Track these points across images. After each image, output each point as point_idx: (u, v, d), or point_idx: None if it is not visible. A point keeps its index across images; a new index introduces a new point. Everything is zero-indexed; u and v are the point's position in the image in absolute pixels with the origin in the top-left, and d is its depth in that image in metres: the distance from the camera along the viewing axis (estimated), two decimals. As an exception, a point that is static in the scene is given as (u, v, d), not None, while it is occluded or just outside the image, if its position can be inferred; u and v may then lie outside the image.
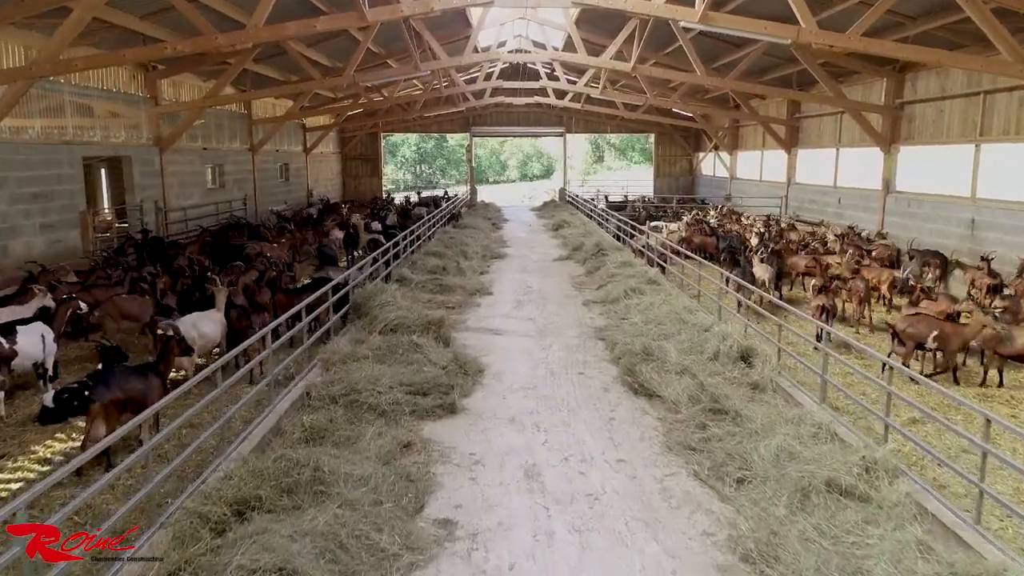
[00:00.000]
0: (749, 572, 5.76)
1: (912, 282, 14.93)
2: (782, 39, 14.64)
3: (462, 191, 46.61)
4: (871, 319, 13.91)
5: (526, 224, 32.30)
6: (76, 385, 8.82)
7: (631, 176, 61.73)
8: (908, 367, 9.64)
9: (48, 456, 8.08)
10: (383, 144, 46.36)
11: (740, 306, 15.01)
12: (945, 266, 19.62)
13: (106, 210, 24.94)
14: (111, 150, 20.31)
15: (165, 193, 22.76)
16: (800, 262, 17.56)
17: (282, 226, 23.02)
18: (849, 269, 16.65)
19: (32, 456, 8.04)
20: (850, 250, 19.15)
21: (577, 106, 35.13)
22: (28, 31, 16.39)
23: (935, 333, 10.29)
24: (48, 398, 8.19)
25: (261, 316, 12.05)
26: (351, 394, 9.17)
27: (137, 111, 21.48)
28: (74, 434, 8.46)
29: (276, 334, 10.25)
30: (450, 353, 10.74)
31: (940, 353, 10.84)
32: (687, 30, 21.83)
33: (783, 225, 23.93)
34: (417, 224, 22.40)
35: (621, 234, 24.62)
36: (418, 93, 33.87)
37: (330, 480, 6.65)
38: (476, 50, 24.26)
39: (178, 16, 16.13)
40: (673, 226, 23.43)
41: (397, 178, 73.27)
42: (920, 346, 10.62)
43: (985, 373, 10.47)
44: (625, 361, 10.88)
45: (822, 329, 12.25)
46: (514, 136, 61.72)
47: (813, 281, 15.48)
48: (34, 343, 9.66)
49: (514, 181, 77.62)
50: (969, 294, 15.51)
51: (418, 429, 8.60)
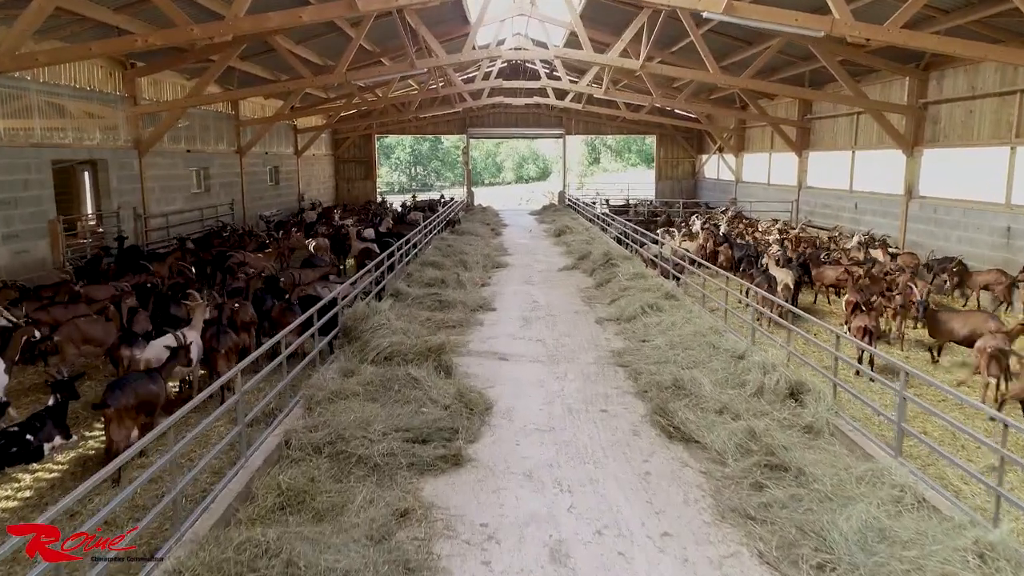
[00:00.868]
0: None
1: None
2: (815, 31, 13.22)
3: (458, 194, 45.15)
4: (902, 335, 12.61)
5: (526, 229, 30.83)
6: (16, 428, 7.42)
7: (628, 178, 60.39)
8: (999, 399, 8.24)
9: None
10: (377, 146, 44.88)
11: (761, 319, 13.68)
12: (963, 274, 18.33)
13: (89, 216, 23.42)
14: (85, 153, 18.74)
15: (145, 198, 21.20)
16: (829, 273, 16.14)
17: (270, 233, 21.53)
18: (879, 281, 15.30)
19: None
20: (878, 259, 17.83)
21: (578, 107, 33.69)
22: (-14, 23, 14.87)
23: None
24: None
25: (241, 336, 10.58)
26: (338, 442, 7.68)
27: (114, 111, 19.92)
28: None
29: (257, 364, 8.79)
30: (453, 387, 9.26)
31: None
32: (699, 25, 20.48)
33: (800, 234, 22.47)
34: (413, 232, 20.90)
35: (629, 241, 23.19)
36: (414, 93, 32.40)
37: (307, 578, 5.19)
38: (474, 48, 22.79)
39: (156, 9, 14.60)
40: (687, 238, 21.91)
41: (392, 180, 71.76)
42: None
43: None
44: (654, 396, 9.44)
45: (864, 352, 10.92)
46: (512, 138, 60.24)
47: (846, 296, 14.10)
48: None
49: (510, 183, 76.17)
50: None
51: (417, 489, 7.12)
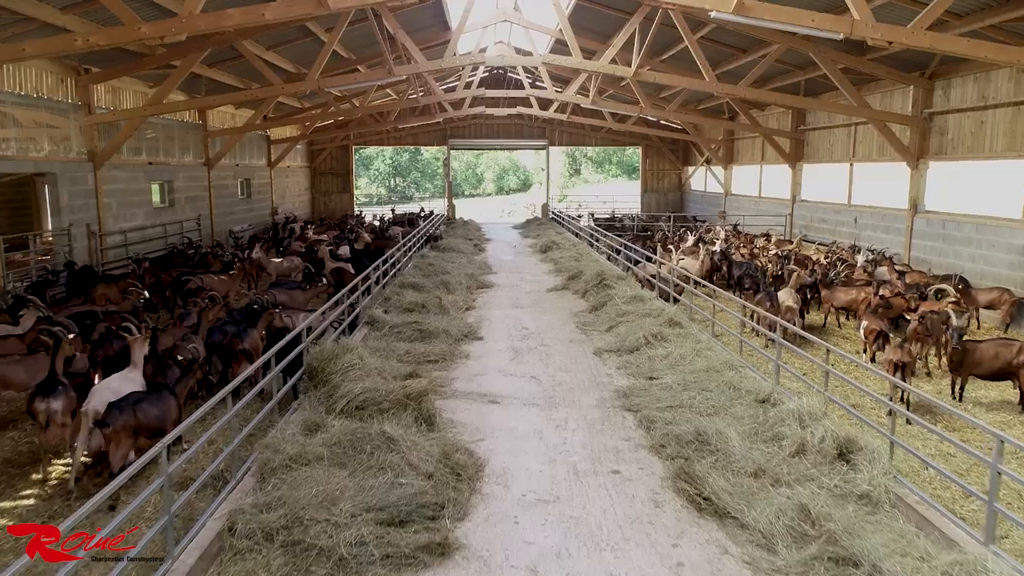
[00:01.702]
0: None
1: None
2: (833, 33, 11.92)
3: (438, 205, 43.60)
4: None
5: (510, 245, 29.33)
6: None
7: (609, 189, 59.20)
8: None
9: None
10: (355, 158, 43.25)
11: (771, 346, 12.37)
12: (963, 292, 17.23)
13: (46, 233, 21.60)
14: (30, 166, 16.97)
15: (100, 215, 19.42)
16: (841, 295, 14.84)
17: (235, 252, 19.84)
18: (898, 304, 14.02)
19: None
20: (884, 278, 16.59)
21: (562, 117, 32.36)
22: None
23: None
24: None
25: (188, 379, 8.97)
26: (295, 527, 6.11)
27: (66, 120, 18.16)
28: None
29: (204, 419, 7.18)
30: (436, 446, 7.70)
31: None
32: (694, 30, 19.24)
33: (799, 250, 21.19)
34: (393, 249, 19.33)
35: (618, 256, 21.81)
36: (393, 103, 30.88)
37: None
38: (455, 55, 21.35)
39: (108, 9, 12.92)
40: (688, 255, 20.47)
41: (371, 192, 70.06)
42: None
43: None
44: (673, 452, 7.97)
45: (896, 389, 9.61)
46: (494, 149, 58.79)
47: (866, 323, 12.78)
48: None
49: (490, 195, 74.75)
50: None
51: (394, 596, 5.59)
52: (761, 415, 8.58)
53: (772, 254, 19.49)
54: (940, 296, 14.42)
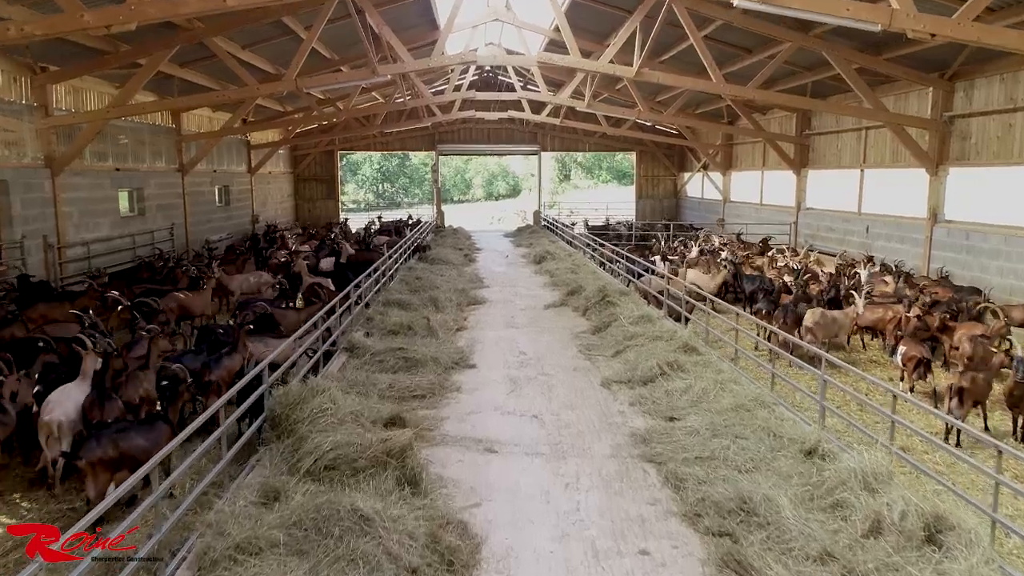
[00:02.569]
0: None
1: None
2: (870, 24, 10.48)
3: (426, 212, 42.00)
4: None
5: (502, 255, 27.73)
6: None
7: (600, 195, 57.81)
8: None
9: None
10: (341, 163, 41.60)
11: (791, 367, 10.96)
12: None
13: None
14: (-24, 172, 15.33)
15: (59, 225, 17.71)
16: (867, 314, 13.38)
17: (204, 264, 18.15)
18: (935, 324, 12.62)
19: None
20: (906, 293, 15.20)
21: (555, 121, 30.85)
22: None
23: None
24: None
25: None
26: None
27: (19, 123, 16.46)
28: None
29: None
30: (421, 522, 6.14)
31: None
32: (700, 28, 17.81)
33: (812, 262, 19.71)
34: (378, 262, 17.72)
35: (621, 270, 20.33)
36: (379, 106, 29.31)
37: None
38: (444, 54, 19.82)
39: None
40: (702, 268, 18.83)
41: (359, 198, 68.31)
42: None
43: None
44: (713, 526, 6.44)
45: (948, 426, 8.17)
46: (485, 155, 57.17)
47: (903, 349, 11.35)
48: None
49: (479, 200, 73.15)
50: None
51: None
52: (813, 473, 7.07)
53: (782, 265, 18.02)
54: (979, 315, 13.03)
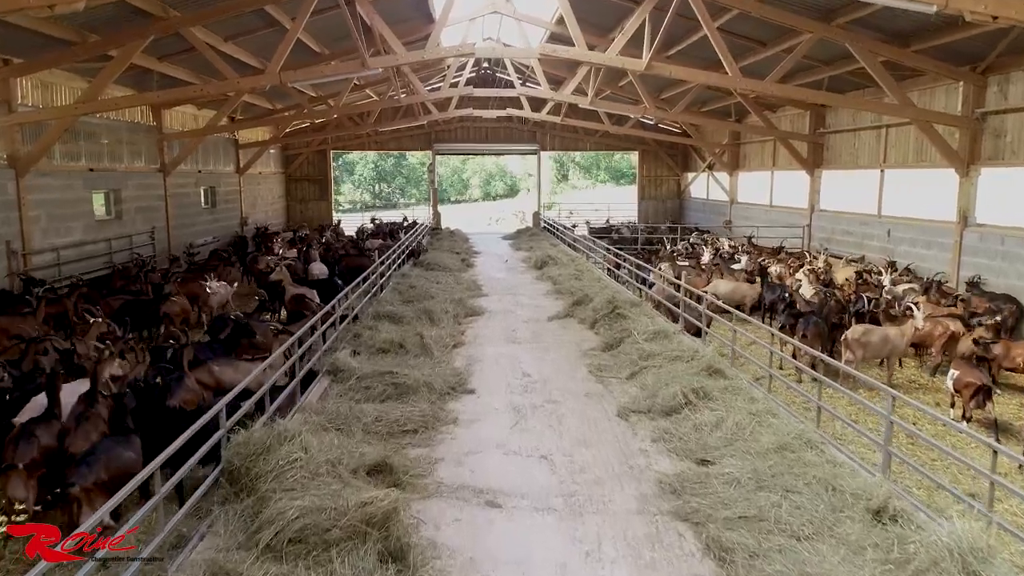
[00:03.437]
0: None
1: None
2: (925, 6, 9.14)
3: (424, 213, 40.56)
4: None
5: (501, 259, 26.29)
6: None
7: (598, 195, 56.42)
8: None
9: None
10: (335, 163, 40.14)
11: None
12: (1021, 314, 14.65)
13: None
14: (-72, 173, 13.90)
15: (25, 229, 16.29)
16: (909, 329, 11.98)
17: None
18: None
19: None
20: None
21: (556, 120, 29.44)
22: None
23: None
24: None
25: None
26: None
27: (-22, 120, 15.09)
28: None
29: None
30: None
31: None
32: (714, 18, 16.41)
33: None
34: (368, 271, 16.31)
35: (627, 276, 18.97)
36: (372, 103, 27.88)
37: None
38: (439, 46, 18.43)
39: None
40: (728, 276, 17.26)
41: (355, 198, 66.81)
42: None
43: None
44: (777, 622, 5.08)
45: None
46: (483, 154, 55.71)
47: (956, 373, 9.99)
48: None
49: (476, 200, 71.70)
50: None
51: None
52: (892, 545, 5.69)
53: (807, 270, 16.63)
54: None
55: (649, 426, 9.07)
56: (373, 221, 31.90)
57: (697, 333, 12.92)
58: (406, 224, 32.20)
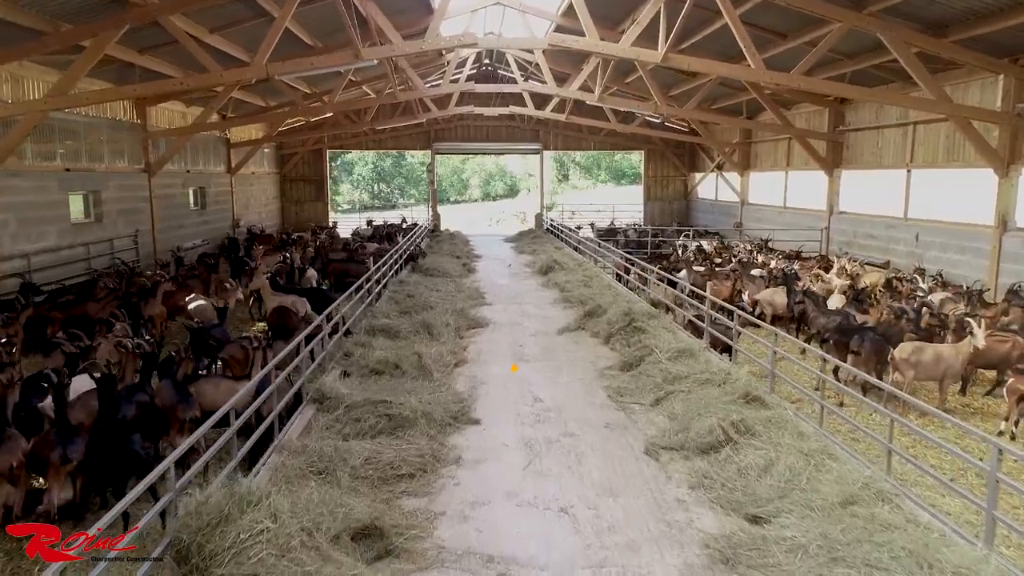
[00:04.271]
0: None
1: None
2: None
3: (422, 215, 39.20)
4: None
5: (504, 263, 24.90)
6: None
7: (598, 196, 55.01)
8: None
9: None
10: (333, 163, 38.76)
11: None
12: None
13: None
14: None
15: (-9, 235, 15.00)
16: (966, 347, 10.62)
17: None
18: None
19: None
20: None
21: (560, 117, 28.11)
22: None
23: None
24: None
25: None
26: None
27: (-62, 116, 13.76)
28: None
29: None
30: None
31: None
32: (736, 5, 15.09)
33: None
34: (362, 279, 14.94)
35: (637, 281, 17.64)
36: (370, 99, 26.51)
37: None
38: (438, 35, 17.10)
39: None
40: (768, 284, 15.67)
41: (354, 199, 65.39)
42: None
43: None
44: None
45: None
46: (484, 153, 54.27)
47: (1011, 381, 8.68)
48: None
49: (476, 201, 70.27)
50: None
51: None
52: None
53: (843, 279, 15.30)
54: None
55: (684, 467, 7.73)
56: (370, 223, 30.50)
57: (724, 349, 11.61)
58: (405, 226, 30.84)
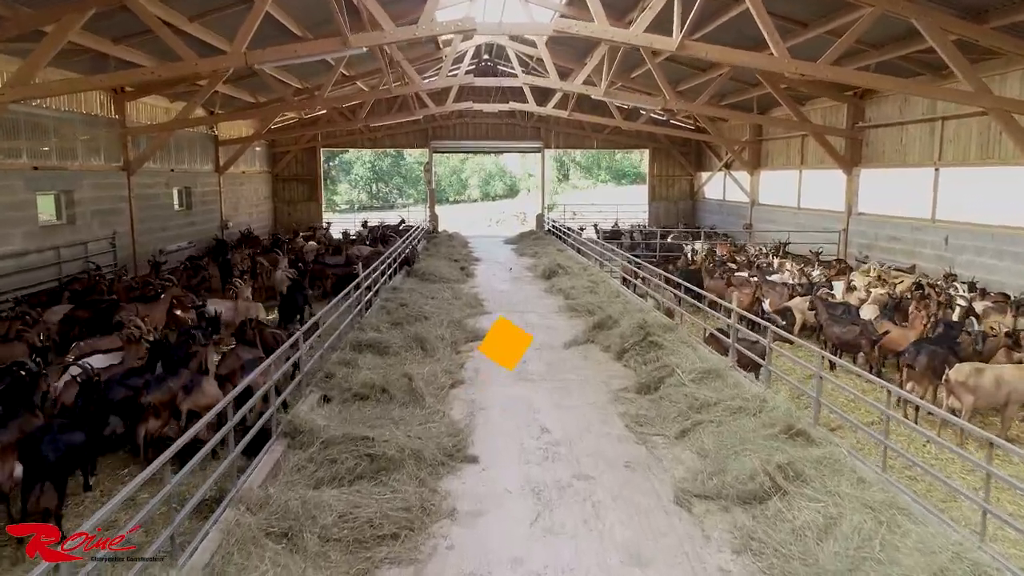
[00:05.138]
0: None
1: None
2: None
3: (421, 215, 37.81)
4: None
5: (504, 266, 23.50)
6: None
7: (597, 196, 53.67)
8: None
9: None
10: (330, 162, 37.34)
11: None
12: None
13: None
14: None
15: (-53, 238, 13.61)
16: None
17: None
18: None
19: None
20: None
21: (563, 114, 26.73)
22: None
23: None
24: None
25: None
26: None
27: None
28: None
29: None
30: None
31: None
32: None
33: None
34: (350, 286, 13.56)
35: (647, 287, 16.26)
36: (364, 95, 25.12)
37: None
38: (433, 21, 15.71)
39: None
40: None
41: (351, 198, 63.96)
42: None
43: None
44: None
45: None
46: (483, 152, 52.86)
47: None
48: None
49: (475, 201, 68.83)
50: None
51: None
52: None
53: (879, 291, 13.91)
54: None
55: (724, 522, 6.36)
56: (365, 225, 29.10)
57: (749, 366, 10.27)
58: (401, 227, 29.44)
